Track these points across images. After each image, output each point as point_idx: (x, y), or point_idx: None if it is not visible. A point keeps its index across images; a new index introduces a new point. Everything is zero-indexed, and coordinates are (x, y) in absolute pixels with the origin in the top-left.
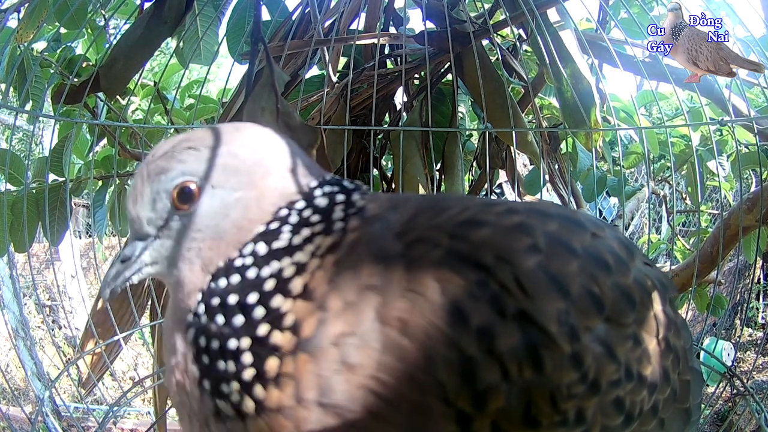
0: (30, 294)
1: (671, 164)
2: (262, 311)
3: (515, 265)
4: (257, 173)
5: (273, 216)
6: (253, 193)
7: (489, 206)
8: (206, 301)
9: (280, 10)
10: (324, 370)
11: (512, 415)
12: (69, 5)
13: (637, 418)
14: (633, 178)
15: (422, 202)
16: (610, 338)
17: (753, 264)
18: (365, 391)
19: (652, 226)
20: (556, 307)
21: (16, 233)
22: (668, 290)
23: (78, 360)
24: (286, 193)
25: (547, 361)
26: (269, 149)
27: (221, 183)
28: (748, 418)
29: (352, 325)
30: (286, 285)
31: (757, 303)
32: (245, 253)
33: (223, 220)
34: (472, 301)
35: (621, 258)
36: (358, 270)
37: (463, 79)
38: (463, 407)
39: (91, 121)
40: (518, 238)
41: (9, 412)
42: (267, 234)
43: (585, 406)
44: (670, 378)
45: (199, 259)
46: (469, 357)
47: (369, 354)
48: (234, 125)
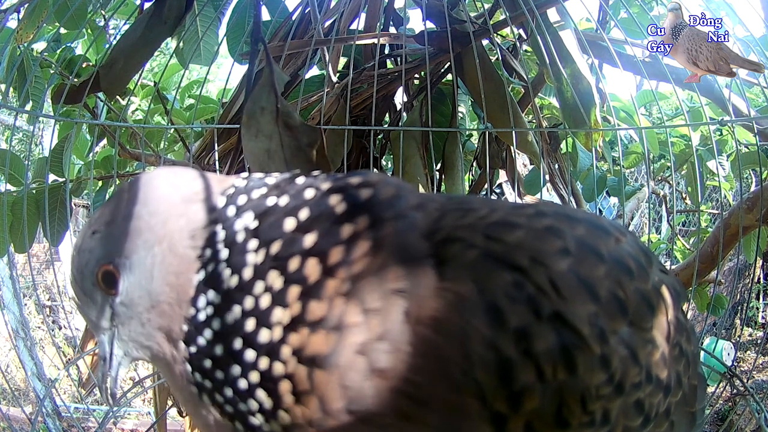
0: (30, 294)
1: (671, 164)
2: (252, 353)
3: (549, 267)
4: (158, 223)
5: (201, 261)
6: (164, 244)
7: (517, 208)
8: (198, 366)
9: (280, 10)
10: (350, 380)
11: (545, 416)
12: (69, 5)
13: (653, 420)
14: (633, 178)
15: (447, 202)
16: (633, 341)
17: (753, 264)
18: (397, 394)
19: (652, 226)
20: (587, 310)
21: (16, 234)
22: (681, 297)
23: (78, 360)
24: (194, 227)
25: (579, 362)
26: (161, 192)
27: (132, 250)
28: (748, 418)
29: (378, 330)
30: (266, 317)
31: (757, 303)
32: (200, 306)
33: (150, 284)
34: (509, 301)
35: (641, 264)
36: (383, 274)
37: (463, 79)
38: (499, 408)
39: (91, 121)
40: (550, 240)
41: (9, 412)
42: (209, 281)
43: (610, 407)
44: (681, 382)
45: (157, 331)
46: (507, 358)
47: (400, 357)
48: (128, 183)
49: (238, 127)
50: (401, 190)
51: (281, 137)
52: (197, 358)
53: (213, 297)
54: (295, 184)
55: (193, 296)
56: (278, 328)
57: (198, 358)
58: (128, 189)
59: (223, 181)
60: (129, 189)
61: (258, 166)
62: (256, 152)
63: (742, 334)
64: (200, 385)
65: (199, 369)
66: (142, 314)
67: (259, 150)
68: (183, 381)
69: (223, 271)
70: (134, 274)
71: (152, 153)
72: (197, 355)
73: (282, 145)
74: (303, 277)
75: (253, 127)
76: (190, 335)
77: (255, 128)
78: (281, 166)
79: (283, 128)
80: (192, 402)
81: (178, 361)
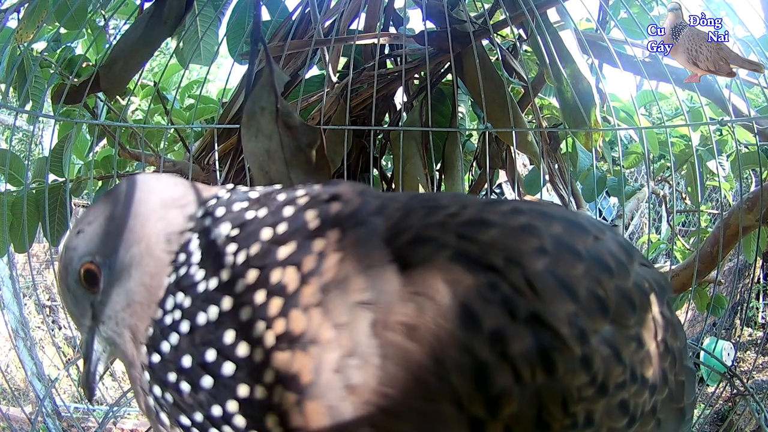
0: (30, 294)
1: (671, 164)
2: (230, 367)
3: (525, 267)
4: (137, 225)
5: (173, 266)
6: (142, 245)
7: (490, 205)
8: (160, 378)
9: (280, 10)
10: (331, 400)
11: (525, 420)
12: (69, 5)
13: (639, 420)
14: (633, 178)
15: (411, 200)
16: (616, 340)
17: (753, 264)
18: (371, 409)
19: (652, 226)
20: (566, 310)
21: (16, 234)
22: (666, 291)
23: (78, 360)
24: (170, 231)
25: (559, 364)
26: (143, 196)
27: (112, 249)
28: (748, 418)
29: (348, 346)
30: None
31: (757, 303)
32: (167, 308)
33: (128, 282)
34: (483, 303)
35: (621, 260)
36: (346, 287)
37: (463, 79)
38: (476, 413)
39: (91, 121)
40: (526, 239)
41: (9, 412)
42: (179, 283)
43: (593, 408)
44: (668, 379)
45: (125, 329)
46: (482, 361)
47: (369, 370)
48: (114, 187)
49: (238, 127)
50: (365, 196)
51: (281, 137)
52: (159, 368)
53: (182, 299)
54: (275, 200)
55: (162, 298)
56: (260, 347)
57: (160, 369)
58: (113, 192)
59: (207, 190)
60: (114, 192)
61: (258, 166)
62: (256, 152)
63: (742, 334)
64: (158, 401)
65: (160, 381)
66: (119, 313)
67: (259, 150)
68: (138, 387)
69: (196, 273)
70: (114, 272)
71: (152, 153)
72: (160, 365)
73: (282, 145)
74: (283, 286)
75: (253, 127)
76: (154, 339)
77: (255, 128)
78: (281, 166)
79: (283, 128)
80: (148, 413)
81: (136, 365)
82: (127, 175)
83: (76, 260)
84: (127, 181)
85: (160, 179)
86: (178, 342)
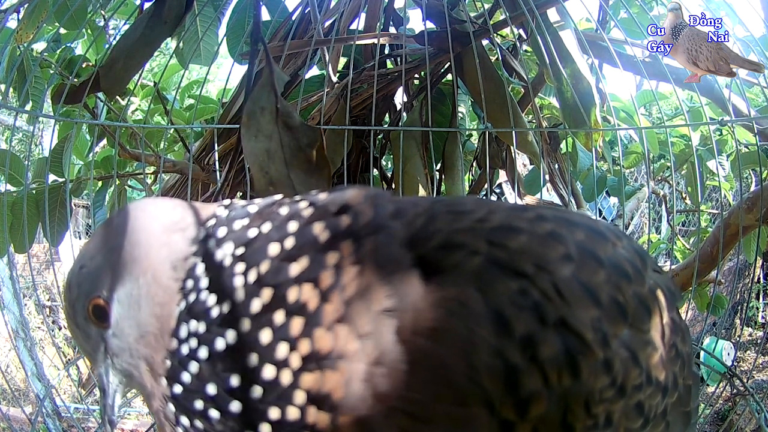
0: (30, 295)
1: (671, 164)
2: (258, 390)
3: (553, 274)
4: (141, 254)
5: (182, 293)
6: (148, 275)
7: (517, 211)
8: (185, 408)
9: (280, 10)
10: (361, 411)
11: (551, 421)
12: (69, 5)
13: (652, 421)
14: (633, 177)
15: (434, 205)
16: (634, 344)
17: (753, 263)
18: (400, 416)
19: (652, 226)
20: (590, 315)
21: (16, 234)
22: (676, 297)
23: (78, 360)
24: (175, 257)
25: (583, 367)
26: (142, 223)
27: (119, 283)
28: (748, 418)
29: (374, 355)
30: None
31: (757, 302)
32: (182, 336)
33: (138, 313)
34: (515, 309)
35: (637, 267)
36: (369, 297)
37: (463, 79)
38: (506, 415)
39: (91, 122)
40: (553, 246)
41: (9, 412)
42: (191, 310)
43: (613, 409)
44: (677, 382)
45: (142, 361)
46: (514, 365)
47: (398, 377)
48: (112, 217)
49: (237, 127)
50: (378, 199)
51: (281, 137)
52: (184, 398)
53: (196, 327)
54: (278, 214)
55: (174, 328)
56: (287, 369)
57: (185, 398)
58: (111, 222)
59: (205, 209)
60: (112, 222)
61: (258, 167)
62: (256, 152)
63: (742, 334)
64: (188, 429)
65: (186, 411)
66: (132, 345)
67: (259, 150)
68: (162, 418)
69: (207, 299)
70: (123, 306)
71: (152, 153)
72: (184, 395)
73: (282, 145)
74: (302, 305)
75: (253, 127)
76: (173, 371)
77: (255, 128)
78: (281, 166)
79: (283, 128)
80: None
81: (157, 396)
82: (128, 175)
83: (84, 298)
84: (124, 209)
85: (157, 204)
86: (198, 370)
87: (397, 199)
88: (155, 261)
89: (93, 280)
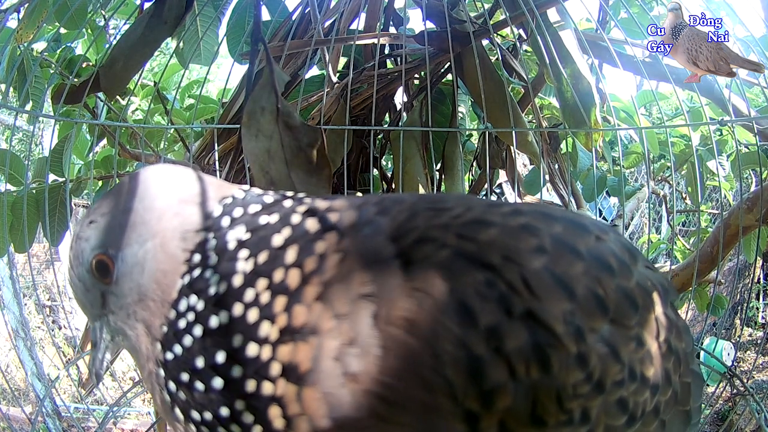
0: (30, 294)
1: (671, 164)
2: (238, 370)
3: (522, 266)
4: (152, 219)
5: (188, 265)
6: (156, 240)
7: (493, 206)
8: (174, 377)
9: (280, 10)
10: (329, 387)
11: (519, 414)
12: (69, 5)
13: (640, 419)
14: (633, 178)
15: (417, 202)
16: (615, 339)
17: (753, 264)
18: (371, 397)
19: (652, 226)
20: (562, 308)
21: (16, 233)
22: (669, 293)
23: (78, 360)
24: (186, 228)
25: (553, 360)
26: (159, 189)
27: (126, 242)
28: (748, 418)
29: (348, 335)
30: (254, 331)
31: (757, 303)
32: (181, 309)
33: (141, 276)
34: (480, 300)
35: (624, 261)
36: (349, 281)
37: (463, 79)
38: (470, 406)
39: (91, 121)
40: (524, 239)
41: (9, 412)
42: (193, 285)
43: (590, 405)
44: (671, 380)
45: (138, 322)
46: (477, 356)
47: (370, 360)
48: (128, 177)
49: (238, 127)
50: (363, 203)
51: (281, 137)
52: (174, 367)
53: (195, 302)
54: (283, 207)
55: (175, 299)
56: (267, 345)
57: (174, 368)
58: (128, 182)
59: (223, 187)
60: (128, 182)
61: (258, 167)
62: (256, 152)
63: (742, 334)
64: (173, 396)
65: (174, 379)
66: (130, 306)
67: (259, 150)
68: (153, 381)
69: (211, 277)
70: (126, 265)
71: (152, 153)
72: (174, 364)
73: (282, 145)
74: (286, 286)
75: (253, 127)
76: (168, 339)
77: (255, 128)
78: (282, 166)
79: (283, 128)
80: (163, 407)
81: (152, 359)
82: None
83: (89, 251)
84: (144, 171)
85: (178, 172)
86: (191, 344)
87: (383, 197)
88: (166, 228)
89: (100, 236)
